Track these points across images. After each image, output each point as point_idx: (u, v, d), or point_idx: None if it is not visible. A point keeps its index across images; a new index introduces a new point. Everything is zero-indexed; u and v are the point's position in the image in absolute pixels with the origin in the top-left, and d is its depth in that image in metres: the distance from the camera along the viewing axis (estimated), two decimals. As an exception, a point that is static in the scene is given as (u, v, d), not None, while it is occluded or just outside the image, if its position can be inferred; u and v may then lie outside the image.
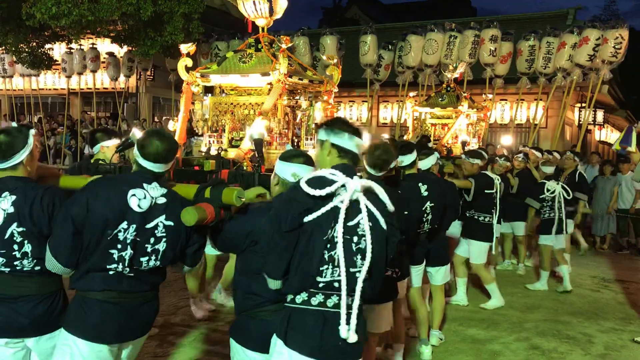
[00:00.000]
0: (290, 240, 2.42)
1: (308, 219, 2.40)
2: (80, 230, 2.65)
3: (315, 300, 2.48)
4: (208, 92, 5.15)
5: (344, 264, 2.42)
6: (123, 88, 16.39)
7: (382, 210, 2.52)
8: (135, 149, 2.79)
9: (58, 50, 15.73)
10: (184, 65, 4.91)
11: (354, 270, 2.46)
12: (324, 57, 10.61)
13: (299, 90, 5.15)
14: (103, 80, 17.43)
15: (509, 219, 7.89)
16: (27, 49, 13.41)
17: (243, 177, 3.54)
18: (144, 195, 2.70)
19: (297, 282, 2.46)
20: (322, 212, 2.40)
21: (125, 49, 14.27)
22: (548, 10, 18.46)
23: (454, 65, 10.15)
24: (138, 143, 2.78)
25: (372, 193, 2.51)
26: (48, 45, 13.98)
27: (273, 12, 4.89)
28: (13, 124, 3.06)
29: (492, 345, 5.46)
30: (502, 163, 6.83)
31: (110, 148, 4.41)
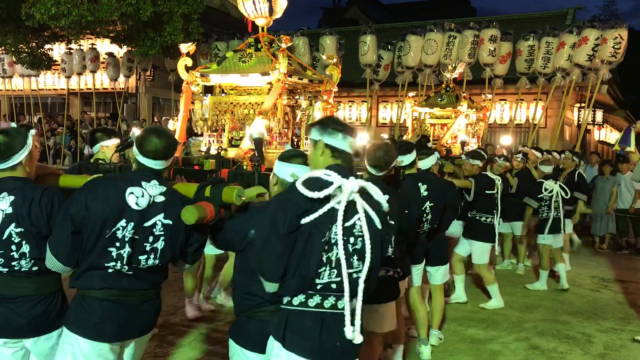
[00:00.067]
0: (288, 243, 2.40)
1: (305, 221, 2.38)
2: (80, 229, 2.65)
3: (313, 302, 2.46)
4: (208, 91, 5.16)
5: (345, 265, 2.41)
6: (123, 88, 16.40)
7: (377, 210, 2.51)
8: (135, 147, 2.79)
9: (58, 51, 15.72)
10: (184, 65, 4.91)
11: (351, 271, 2.45)
12: (324, 56, 10.63)
13: (299, 90, 5.15)
14: (103, 81, 17.44)
15: (509, 219, 7.90)
16: (26, 50, 13.41)
17: (243, 176, 3.55)
18: (142, 194, 2.70)
19: (294, 284, 2.45)
20: (319, 213, 2.38)
21: (125, 50, 14.27)
22: (547, 10, 18.46)
23: (453, 66, 10.16)
24: (137, 141, 2.78)
25: (366, 193, 2.49)
26: (48, 46, 13.97)
27: (273, 11, 4.90)
28: (12, 125, 3.06)
29: (491, 345, 5.47)
30: (501, 163, 6.84)
31: (110, 148, 4.42)
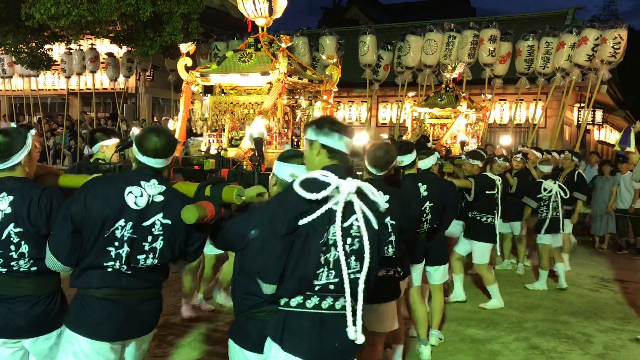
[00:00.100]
0: (286, 245, 2.39)
1: (303, 222, 2.38)
2: (80, 229, 2.65)
3: (311, 303, 2.46)
4: (208, 91, 5.16)
5: (345, 267, 2.41)
6: (122, 88, 16.40)
7: (374, 211, 2.50)
8: (134, 146, 2.79)
9: (57, 51, 15.72)
10: (184, 65, 4.91)
11: (349, 272, 2.44)
12: (324, 56, 10.63)
13: (299, 90, 5.16)
14: (102, 81, 17.44)
15: (508, 219, 7.90)
16: (26, 50, 13.41)
17: (243, 176, 3.55)
18: (141, 193, 2.70)
19: (292, 286, 2.44)
20: (317, 215, 2.38)
21: (125, 50, 14.26)
22: (547, 10, 18.47)
23: (453, 66, 10.17)
24: (136, 140, 2.78)
25: (363, 194, 2.49)
26: (47, 46, 13.98)
27: (273, 11, 4.90)
28: (12, 125, 3.06)
29: (491, 345, 5.47)
30: (500, 163, 6.84)
31: (110, 147, 4.42)
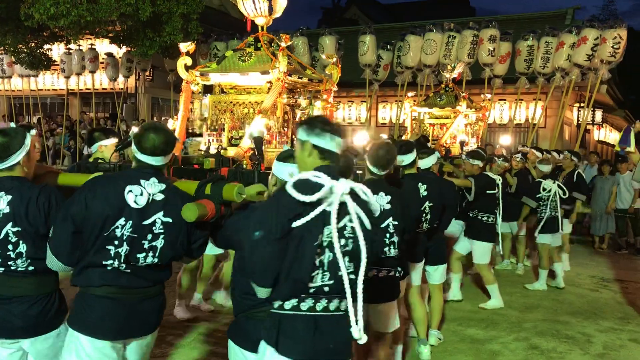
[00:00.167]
0: (280, 247, 2.37)
1: (297, 224, 2.35)
2: (81, 229, 2.64)
3: (305, 305, 2.44)
4: (207, 91, 5.16)
5: (344, 268, 2.40)
6: (122, 88, 16.41)
7: (366, 211, 2.48)
8: (133, 145, 2.78)
9: (57, 51, 15.73)
10: (184, 64, 4.91)
11: (342, 274, 2.43)
12: (323, 56, 10.63)
13: (299, 89, 5.15)
14: (102, 81, 17.42)
15: (508, 219, 7.88)
16: (25, 50, 13.41)
17: (243, 175, 3.55)
18: (141, 192, 2.69)
19: (287, 289, 2.42)
20: (311, 217, 2.36)
21: (124, 50, 14.27)
22: (547, 10, 18.46)
23: (453, 65, 10.17)
24: (135, 138, 2.77)
25: (355, 194, 2.46)
26: (47, 46, 13.99)
27: (272, 11, 4.90)
28: (12, 125, 3.06)
29: (491, 345, 5.46)
30: (500, 163, 6.83)
31: (109, 147, 4.41)
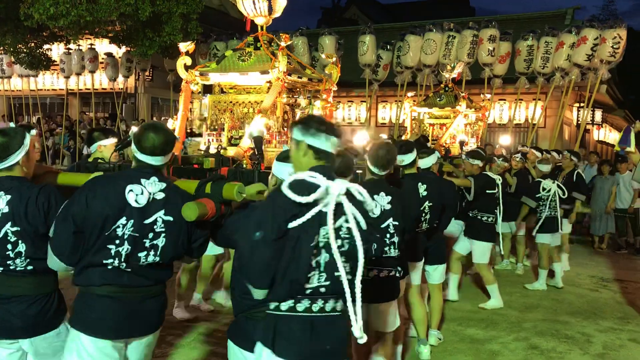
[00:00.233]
0: (277, 249, 2.36)
1: (293, 225, 2.35)
2: (82, 229, 2.64)
3: (302, 307, 2.44)
4: (207, 91, 5.16)
5: (343, 269, 2.39)
6: (122, 88, 16.41)
7: (362, 211, 2.48)
8: (133, 144, 2.78)
9: (56, 51, 15.73)
10: (183, 64, 4.91)
11: (338, 274, 2.43)
12: (323, 55, 10.63)
13: (298, 89, 5.15)
14: (101, 81, 17.43)
15: (508, 219, 7.87)
16: (25, 50, 13.40)
17: (243, 174, 3.55)
18: (141, 191, 2.69)
19: (284, 290, 2.41)
20: (308, 217, 2.35)
21: (124, 50, 14.27)
22: (546, 10, 18.46)
23: (452, 65, 10.17)
24: (135, 138, 2.77)
25: (350, 194, 2.46)
26: (46, 46, 13.97)
27: (272, 10, 4.90)
28: (11, 125, 3.06)
29: (490, 345, 5.46)
30: (500, 163, 6.83)
31: (108, 147, 4.40)
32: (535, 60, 12.03)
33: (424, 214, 4.63)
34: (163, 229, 2.72)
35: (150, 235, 2.70)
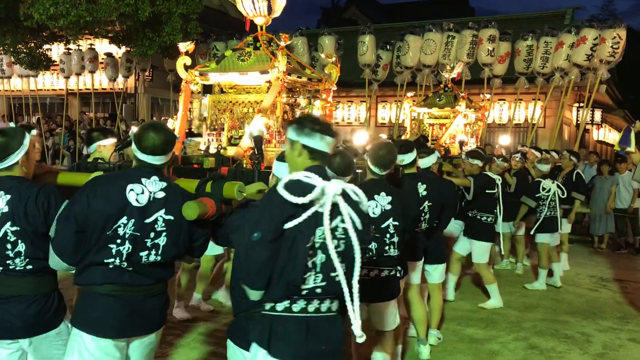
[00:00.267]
0: (273, 250, 2.35)
1: (289, 226, 2.34)
2: (83, 229, 2.64)
3: (297, 307, 2.43)
4: (207, 91, 5.16)
5: (340, 269, 2.39)
6: (121, 88, 16.40)
7: (357, 212, 2.47)
8: (133, 144, 2.78)
9: (56, 51, 15.72)
10: (183, 64, 4.91)
11: (334, 275, 2.42)
12: (323, 55, 10.63)
13: (298, 89, 5.15)
14: (101, 81, 17.42)
15: (507, 219, 7.88)
16: (25, 50, 13.39)
17: (243, 174, 3.55)
18: (142, 190, 2.69)
19: (280, 291, 2.41)
20: (304, 218, 2.34)
21: (124, 50, 14.26)
22: (546, 10, 18.47)
23: (452, 65, 10.17)
24: (135, 137, 2.77)
25: (346, 194, 2.45)
26: (46, 46, 13.96)
27: (271, 10, 4.90)
28: (11, 125, 3.07)
29: (490, 345, 5.46)
30: (499, 163, 6.84)
31: (107, 147, 4.40)
32: (535, 60, 12.04)
33: (424, 214, 4.63)
34: (164, 228, 2.72)
35: (152, 235, 2.70)
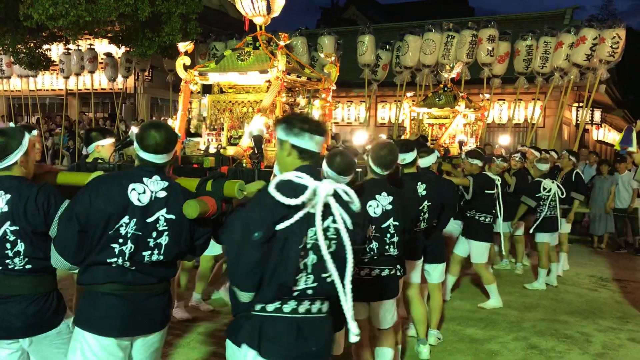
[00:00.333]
0: (265, 251, 2.33)
1: (281, 227, 2.31)
2: (86, 228, 2.64)
3: (288, 308, 2.42)
4: (206, 91, 5.16)
5: (334, 270, 2.37)
6: (121, 89, 16.40)
7: (348, 211, 2.46)
8: (135, 143, 2.78)
9: (56, 51, 15.72)
10: (182, 64, 4.91)
11: (325, 276, 2.42)
12: (322, 54, 10.63)
13: (297, 88, 5.15)
14: (101, 81, 17.42)
15: (507, 219, 7.89)
16: (24, 50, 13.39)
17: (243, 173, 3.55)
18: (143, 190, 2.69)
19: (271, 293, 2.39)
20: (296, 219, 2.32)
21: (123, 50, 14.27)
22: (545, 10, 18.49)
23: (451, 65, 10.17)
24: (137, 136, 2.77)
25: (337, 195, 2.43)
26: (46, 46, 13.96)
27: (270, 10, 4.90)
28: (11, 124, 3.07)
29: (490, 345, 5.46)
30: (499, 163, 6.84)
31: (106, 147, 4.40)
32: (535, 60, 12.05)
33: (423, 214, 4.63)
34: (165, 228, 2.72)
35: (154, 234, 2.70)
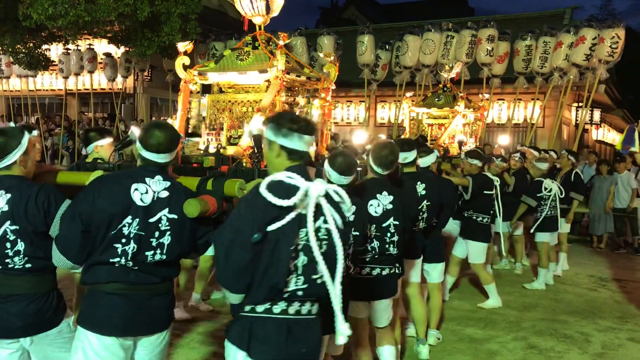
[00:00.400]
0: (255, 253, 2.31)
1: (273, 228, 2.30)
2: (89, 228, 2.64)
3: (278, 309, 2.41)
4: (206, 90, 5.15)
5: (326, 270, 2.36)
6: (120, 89, 16.37)
7: (339, 211, 2.46)
8: (138, 143, 2.78)
9: (55, 51, 15.70)
10: (182, 64, 4.90)
11: (315, 277, 2.41)
12: (322, 54, 10.62)
13: (297, 88, 5.14)
14: (100, 81, 17.41)
15: (506, 218, 7.88)
16: (24, 50, 13.37)
17: (243, 173, 3.55)
18: (146, 190, 2.70)
19: (262, 294, 2.38)
20: (287, 220, 2.32)
21: (123, 50, 14.24)
22: (545, 10, 18.50)
23: (451, 65, 10.17)
24: (140, 136, 2.78)
25: (328, 195, 2.43)
26: (45, 46, 13.93)
27: (270, 9, 4.89)
28: (11, 124, 3.07)
29: (489, 345, 5.46)
30: (498, 163, 6.84)
31: (105, 147, 4.39)
32: (534, 60, 12.05)
33: (422, 213, 4.63)
34: (168, 227, 2.73)
35: (156, 234, 2.70)
